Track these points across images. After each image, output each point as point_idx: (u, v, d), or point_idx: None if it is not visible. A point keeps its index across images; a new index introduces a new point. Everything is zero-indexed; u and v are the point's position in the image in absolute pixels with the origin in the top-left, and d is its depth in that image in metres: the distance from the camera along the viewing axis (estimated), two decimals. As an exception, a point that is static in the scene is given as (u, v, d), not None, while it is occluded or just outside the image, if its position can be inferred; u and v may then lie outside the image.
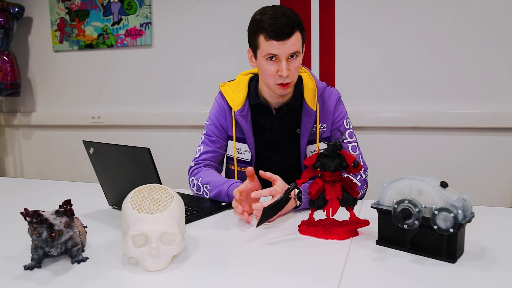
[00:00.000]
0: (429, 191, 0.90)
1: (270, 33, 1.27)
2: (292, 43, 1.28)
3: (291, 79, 1.34)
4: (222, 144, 1.52)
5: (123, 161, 1.19)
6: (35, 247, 0.88)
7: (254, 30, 1.33)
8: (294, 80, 1.38)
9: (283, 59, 1.30)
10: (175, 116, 2.90)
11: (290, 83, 1.36)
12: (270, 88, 1.39)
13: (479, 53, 2.30)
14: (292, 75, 1.33)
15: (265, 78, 1.37)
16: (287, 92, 1.39)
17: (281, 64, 1.30)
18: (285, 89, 1.37)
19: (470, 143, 2.37)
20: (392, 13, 2.41)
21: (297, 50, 1.31)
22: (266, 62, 1.33)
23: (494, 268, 0.85)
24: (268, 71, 1.33)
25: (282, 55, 1.29)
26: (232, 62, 2.72)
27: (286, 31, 1.27)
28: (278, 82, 1.34)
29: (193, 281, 0.82)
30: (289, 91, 1.39)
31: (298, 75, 1.39)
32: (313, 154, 1.06)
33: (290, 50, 1.29)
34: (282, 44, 1.28)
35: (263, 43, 1.31)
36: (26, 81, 3.28)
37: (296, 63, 1.33)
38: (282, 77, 1.31)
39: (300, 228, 1.09)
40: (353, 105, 2.34)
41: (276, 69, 1.32)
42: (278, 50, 1.29)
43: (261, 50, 1.33)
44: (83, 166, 2.73)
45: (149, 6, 2.87)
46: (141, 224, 0.85)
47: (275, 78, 1.33)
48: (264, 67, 1.34)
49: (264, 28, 1.28)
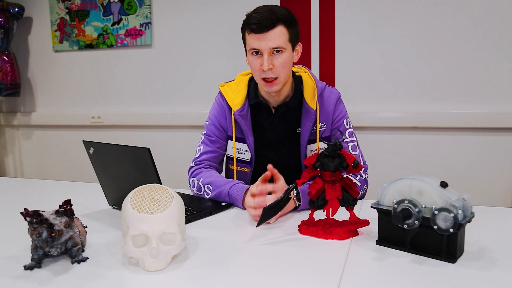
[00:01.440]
0: (429, 191, 0.90)
1: (252, 25, 1.32)
2: (272, 37, 1.31)
3: (275, 75, 1.35)
4: (222, 144, 1.53)
5: (123, 161, 1.19)
6: (35, 247, 0.88)
7: (242, 26, 1.38)
8: (282, 77, 1.37)
9: (265, 52, 1.32)
10: (175, 116, 2.90)
11: (276, 80, 1.36)
12: (260, 85, 1.42)
13: (479, 53, 2.30)
14: (277, 70, 1.34)
15: (253, 74, 1.41)
16: (274, 90, 1.38)
17: (263, 58, 1.33)
18: (271, 86, 1.37)
19: (470, 143, 2.37)
20: (392, 13, 2.41)
21: (279, 45, 1.32)
22: (252, 57, 1.36)
23: (494, 268, 0.85)
24: (253, 65, 1.37)
25: (263, 48, 1.32)
26: (232, 62, 2.72)
27: (266, 23, 1.30)
28: (262, 77, 1.36)
29: (193, 281, 0.82)
30: (276, 88, 1.38)
31: (287, 72, 1.38)
32: (313, 154, 1.06)
33: (271, 44, 1.31)
34: (262, 36, 1.31)
35: (247, 37, 1.36)
36: (26, 81, 3.28)
37: (281, 59, 1.34)
38: (264, 71, 1.33)
39: (300, 228, 1.09)
40: (353, 105, 2.34)
41: (260, 63, 1.34)
42: (259, 43, 1.32)
43: (247, 45, 1.38)
44: (83, 166, 2.73)
45: (149, 6, 2.87)
46: (141, 224, 0.85)
47: (259, 73, 1.36)
48: (250, 62, 1.38)
49: (248, 23, 1.33)
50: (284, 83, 1.40)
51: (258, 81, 1.41)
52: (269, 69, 1.33)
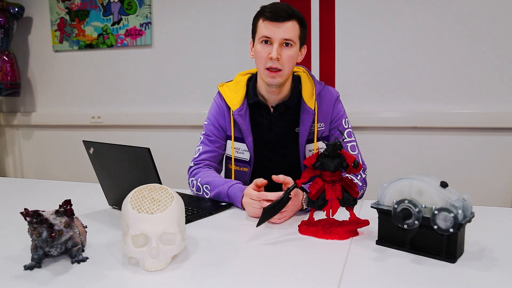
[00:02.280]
0: (429, 191, 0.90)
1: (267, 14, 1.34)
2: (286, 28, 1.33)
3: (281, 66, 1.36)
4: (221, 144, 1.53)
5: (123, 161, 1.19)
6: (35, 247, 0.88)
7: (256, 16, 1.40)
8: (285, 71, 1.37)
9: (276, 42, 1.34)
10: (175, 116, 2.90)
11: (280, 72, 1.36)
12: (262, 76, 1.41)
13: (479, 53, 2.30)
14: (283, 63, 1.35)
15: (257, 63, 1.41)
16: (276, 82, 1.38)
17: (272, 47, 1.34)
18: (274, 77, 1.37)
19: (470, 143, 2.37)
20: (392, 13, 2.41)
21: (291, 37, 1.34)
22: (260, 46, 1.37)
23: (494, 268, 0.85)
24: (261, 54, 1.37)
25: (275, 37, 1.33)
26: (232, 62, 2.72)
27: (283, 14, 1.33)
28: (267, 66, 1.36)
29: (193, 281, 0.82)
30: (278, 80, 1.38)
31: (291, 67, 1.39)
32: (313, 154, 1.06)
33: (283, 34, 1.33)
34: (276, 26, 1.33)
35: (260, 25, 1.37)
36: (26, 81, 3.28)
37: (290, 53, 1.35)
38: (272, 60, 1.34)
39: (300, 228, 1.09)
40: (353, 105, 2.34)
41: (268, 52, 1.35)
42: (272, 32, 1.34)
43: (258, 34, 1.38)
44: (83, 166, 2.73)
45: (149, 6, 2.87)
46: (141, 224, 0.85)
47: (266, 61, 1.36)
48: (258, 50, 1.38)
49: (264, 12, 1.36)
50: (286, 78, 1.41)
51: (261, 72, 1.40)
52: (276, 59, 1.34)
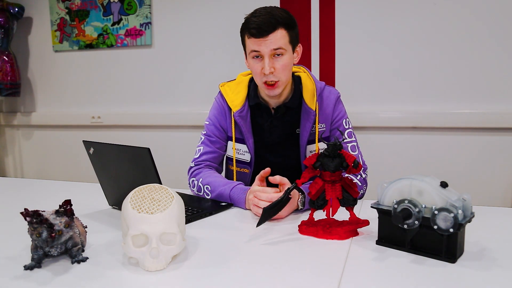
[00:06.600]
0: (429, 191, 0.90)
1: (251, 30, 1.31)
2: (274, 39, 1.30)
3: (277, 78, 1.34)
4: (222, 144, 1.52)
5: (123, 161, 1.19)
6: (35, 247, 0.88)
7: (241, 30, 1.38)
8: (283, 80, 1.37)
9: (266, 56, 1.32)
10: (175, 116, 2.90)
11: (278, 83, 1.36)
12: (261, 88, 1.41)
13: (479, 53, 2.30)
14: (278, 73, 1.34)
15: (254, 77, 1.41)
16: (276, 93, 1.38)
17: (264, 61, 1.33)
18: (272, 89, 1.37)
19: (470, 143, 2.37)
20: (392, 13, 2.41)
21: (280, 46, 1.31)
22: (252, 61, 1.36)
23: (494, 268, 0.85)
24: (254, 69, 1.37)
25: (264, 51, 1.32)
26: (232, 62, 2.72)
27: (266, 28, 1.29)
28: (264, 81, 1.36)
29: (193, 281, 0.82)
30: (277, 91, 1.38)
31: (287, 75, 1.37)
32: (313, 154, 1.06)
33: (272, 45, 1.31)
34: (262, 41, 1.31)
35: (247, 41, 1.36)
36: (26, 81, 3.28)
37: (282, 62, 1.34)
38: (266, 75, 1.33)
39: (300, 228, 1.09)
40: (353, 105, 2.34)
41: (261, 67, 1.34)
42: (259, 46, 1.32)
43: (247, 48, 1.37)
44: (83, 166, 2.73)
45: (149, 6, 2.87)
46: (141, 224, 0.85)
47: (261, 76, 1.35)
48: (251, 65, 1.37)
49: (247, 27, 1.33)
50: (285, 85, 1.40)
51: (259, 85, 1.40)
52: (271, 73, 1.32)
